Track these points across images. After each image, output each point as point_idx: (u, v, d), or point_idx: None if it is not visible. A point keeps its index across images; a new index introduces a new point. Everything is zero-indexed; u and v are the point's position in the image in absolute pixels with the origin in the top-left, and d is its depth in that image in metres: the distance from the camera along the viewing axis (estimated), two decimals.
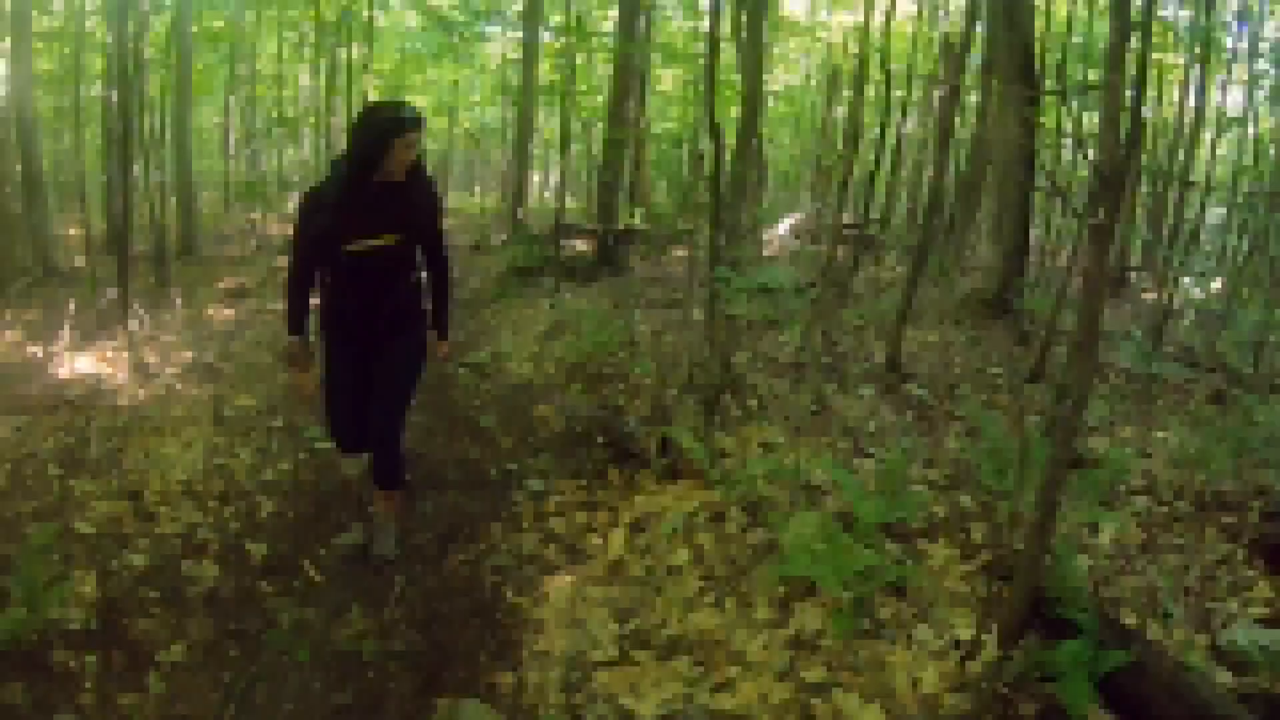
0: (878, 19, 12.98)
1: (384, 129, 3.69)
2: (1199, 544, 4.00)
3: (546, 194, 25.78)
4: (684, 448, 4.69)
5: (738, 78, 9.29)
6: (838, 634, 3.19)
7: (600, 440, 5.38)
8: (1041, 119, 9.31)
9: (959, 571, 3.67)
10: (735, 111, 9.04)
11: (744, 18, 7.33)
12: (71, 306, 8.53)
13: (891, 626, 3.31)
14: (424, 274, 4.17)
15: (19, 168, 12.68)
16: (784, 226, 15.56)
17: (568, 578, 3.89)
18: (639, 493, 4.66)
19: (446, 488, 4.95)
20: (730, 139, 7.59)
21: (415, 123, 3.75)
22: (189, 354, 7.47)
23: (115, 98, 7.82)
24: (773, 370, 6.74)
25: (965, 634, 3.16)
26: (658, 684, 3.07)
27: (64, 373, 7.19)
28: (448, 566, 4.05)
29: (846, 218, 13.05)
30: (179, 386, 6.50)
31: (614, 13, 13.92)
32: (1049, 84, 8.94)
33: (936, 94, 13.39)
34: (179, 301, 9.14)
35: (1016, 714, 2.73)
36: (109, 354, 7.61)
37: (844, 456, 4.91)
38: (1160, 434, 5.63)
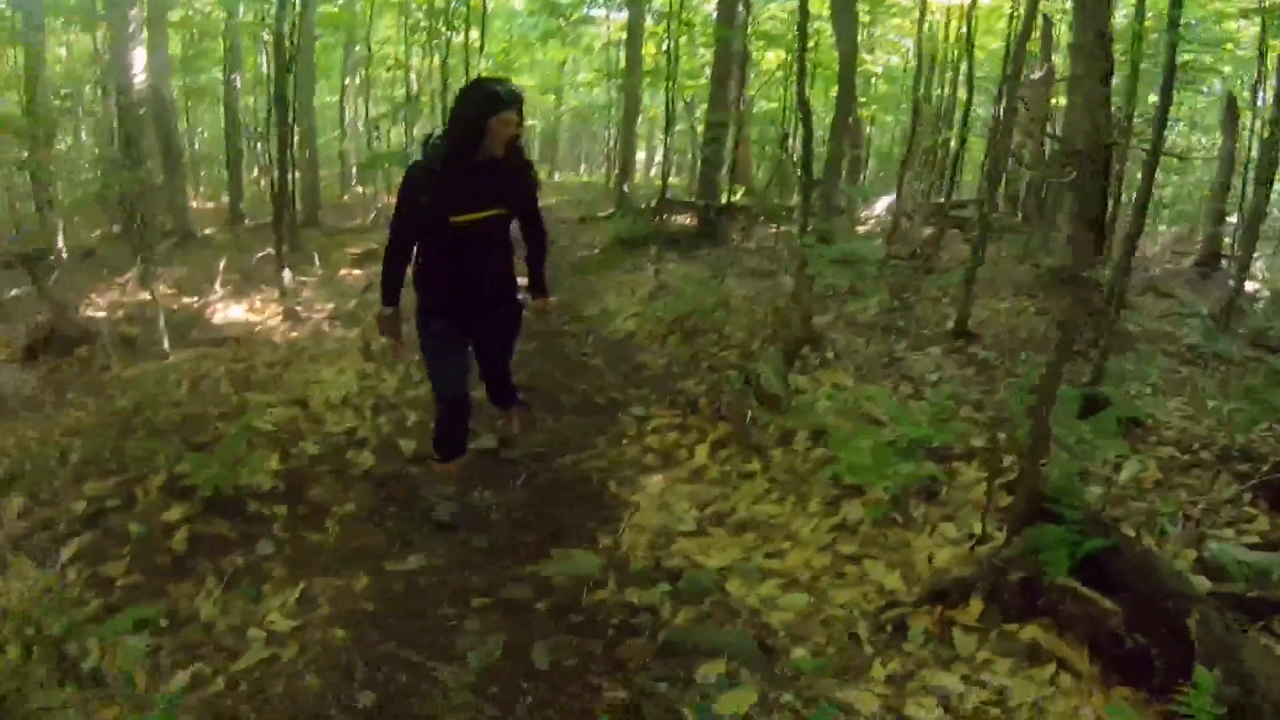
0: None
1: (483, 107, 3.82)
2: (1212, 486, 4.64)
3: (651, 171, 26.61)
4: (763, 383, 5.53)
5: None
6: (872, 520, 3.99)
7: (692, 380, 6.27)
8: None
9: (985, 488, 4.42)
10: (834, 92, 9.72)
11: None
12: (221, 264, 9.76)
13: (921, 522, 4.09)
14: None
15: (158, 144, 14.14)
16: (881, 205, 16.12)
17: (659, 477, 4.77)
18: (722, 421, 5.51)
19: (562, 412, 5.88)
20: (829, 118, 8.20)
21: (513, 100, 3.86)
22: (331, 305, 8.59)
23: (273, 80, 8.84)
24: (853, 330, 7.50)
25: (980, 531, 3.93)
26: (724, 549, 3.92)
27: (219, 319, 8.36)
28: (561, 466, 4.97)
29: (945, 197, 13.71)
30: (326, 328, 7.58)
31: None
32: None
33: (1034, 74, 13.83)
34: (318, 260, 10.27)
35: (1005, 580, 3.47)
36: (258, 303, 8.78)
37: (902, 398, 5.66)
38: (1212, 401, 6.22)
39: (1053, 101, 13.30)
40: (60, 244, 10.87)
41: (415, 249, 4.14)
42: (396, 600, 3.43)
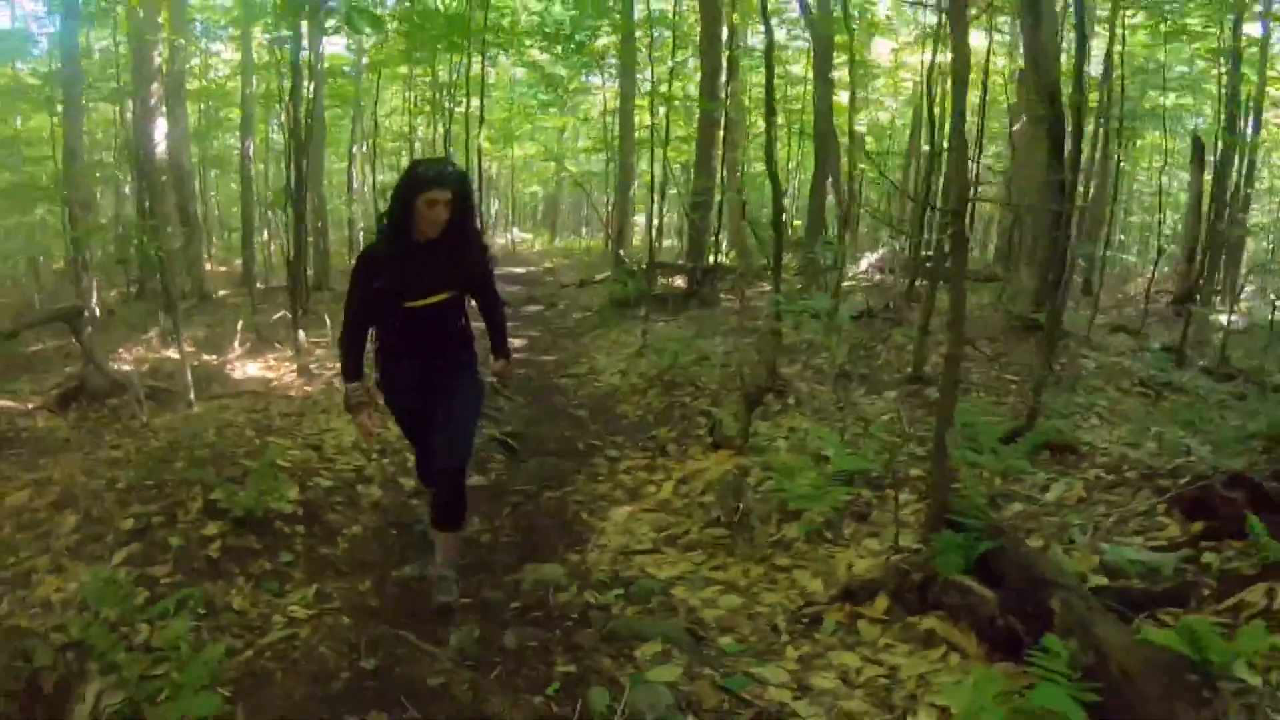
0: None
1: (408, 188, 3.83)
2: (1131, 501, 5.31)
3: (652, 234, 27.58)
4: (724, 427, 6.26)
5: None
6: (804, 536, 4.70)
7: (664, 428, 7.01)
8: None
9: (909, 509, 5.12)
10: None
11: (813, 68, 8.90)
12: (239, 325, 10.56)
13: (849, 538, 4.79)
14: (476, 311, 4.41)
15: (175, 210, 15.05)
16: (867, 261, 16.97)
17: (627, 508, 5.50)
18: (690, 460, 6.23)
19: (546, 454, 6.66)
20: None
21: (439, 179, 3.82)
22: (340, 364, 9.36)
23: (288, 154, 9.70)
24: (817, 378, 8.23)
25: (904, 539, 4.62)
26: (675, 564, 4.63)
27: (238, 375, 9.14)
28: (542, 500, 5.72)
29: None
30: (337, 384, 8.33)
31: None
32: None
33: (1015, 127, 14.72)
34: (329, 321, 11.06)
35: (909, 580, 4.16)
36: (273, 361, 9.57)
37: (853, 436, 6.38)
38: (1154, 427, 6.90)
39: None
40: (94, 302, 11.72)
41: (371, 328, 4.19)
42: (395, 599, 4.19)
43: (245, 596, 3.98)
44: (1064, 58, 10.03)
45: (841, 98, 19.57)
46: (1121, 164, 20.46)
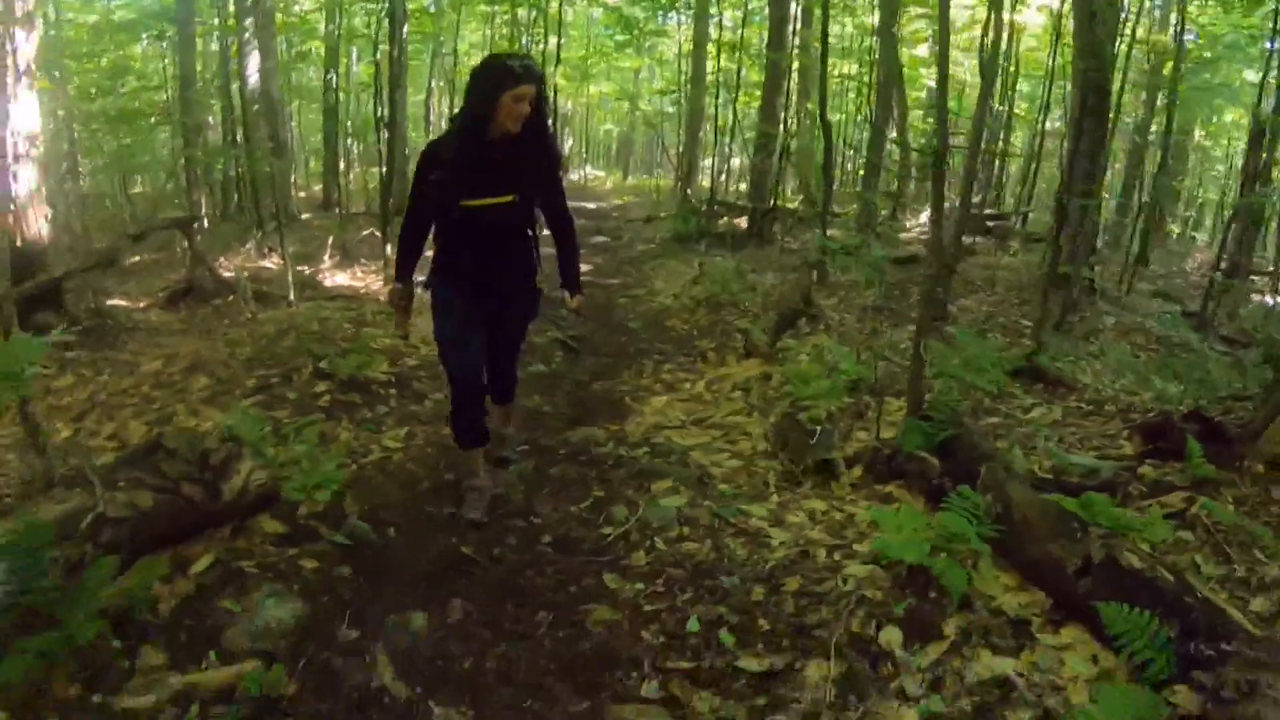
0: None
1: (493, 82, 3.73)
2: (1102, 428, 6.24)
3: (722, 176, 28.46)
4: (754, 339, 7.30)
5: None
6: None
7: (705, 340, 8.09)
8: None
9: (903, 413, 6.12)
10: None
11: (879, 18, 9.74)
12: (329, 240, 11.81)
13: (845, 426, 5.83)
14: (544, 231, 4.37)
15: (266, 137, 16.30)
16: (926, 214, 17.75)
17: (664, 398, 6.57)
18: (724, 365, 7.28)
19: (601, 355, 7.80)
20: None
21: (526, 74, 3.74)
22: (421, 277, 10.58)
23: (383, 89, 10.80)
24: (849, 310, 9.22)
25: (886, 434, 5.63)
26: (696, 437, 5.70)
27: (329, 283, 10.36)
28: (593, 387, 6.84)
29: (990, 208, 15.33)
30: (419, 291, 9.52)
31: None
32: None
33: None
34: None
35: (880, 455, 5.14)
36: (359, 273, 10.79)
37: (867, 357, 7.37)
38: (1156, 379, 7.76)
39: None
40: (203, 213, 13.08)
41: (434, 227, 4.16)
42: None
43: (350, 433, 5.15)
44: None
45: (923, 51, 20.27)
46: (1195, 137, 20.88)
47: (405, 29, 15.02)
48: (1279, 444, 4.69)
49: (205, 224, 13.11)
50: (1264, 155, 13.98)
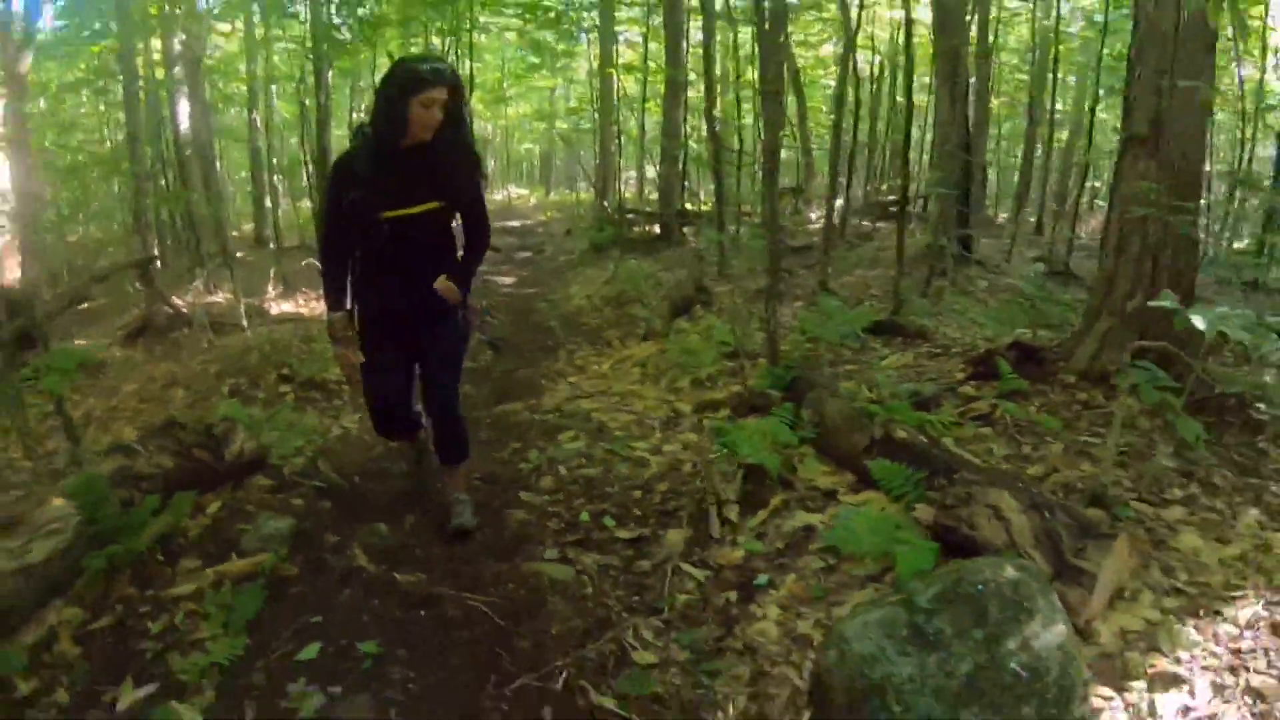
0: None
1: (400, 87, 3.61)
2: (944, 367, 7.65)
3: (644, 189, 29.95)
4: (652, 324, 8.67)
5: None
6: (691, 384, 7.12)
7: (613, 330, 9.45)
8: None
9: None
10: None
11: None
12: (271, 272, 13.02)
13: (722, 385, 7.19)
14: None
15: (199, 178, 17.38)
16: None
17: (575, 378, 7.91)
18: (626, 348, 8.64)
19: (524, 351, 9.10)
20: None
21: (436, 78, 3.62)
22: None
23: (308, 136, 12.03)
24: (744, 295, 10.63)
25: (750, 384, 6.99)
26: (599, 403, 7.03)
27: (275, 311, 11.58)
28: (518, 375, 8.16)
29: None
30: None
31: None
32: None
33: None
34: None
35: (742, 398, 6.44)
36: (302, 301, 12.01)
37: (749, 330, 8.75)
38: (999, 322, 9.18)
39: None
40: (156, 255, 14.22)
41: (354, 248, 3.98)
42: None
43: (313, 419, 6.44)
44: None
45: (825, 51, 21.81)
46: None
47: (330, 74, 16.23)
48: (1087, 359, 5.82)
49: (160, 264, 14.22)
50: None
